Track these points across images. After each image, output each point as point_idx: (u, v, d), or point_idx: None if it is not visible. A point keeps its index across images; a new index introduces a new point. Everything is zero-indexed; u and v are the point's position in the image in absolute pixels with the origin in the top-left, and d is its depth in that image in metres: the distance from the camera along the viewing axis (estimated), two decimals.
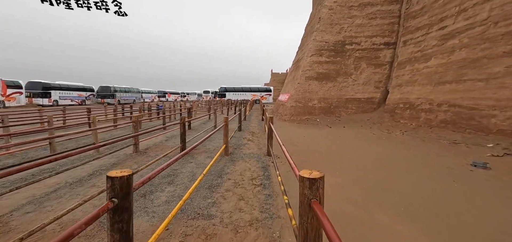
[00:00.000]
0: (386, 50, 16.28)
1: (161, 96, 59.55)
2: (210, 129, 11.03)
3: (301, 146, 8.27)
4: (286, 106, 16.85)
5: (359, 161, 6.35)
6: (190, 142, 7.98)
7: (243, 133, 10.64)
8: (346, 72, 16.36)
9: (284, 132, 11.42)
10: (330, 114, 15.72)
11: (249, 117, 18.52)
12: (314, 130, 12.50)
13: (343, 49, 16.67)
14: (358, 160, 6.47)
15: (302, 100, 16.19)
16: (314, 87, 16.37)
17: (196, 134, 9.57)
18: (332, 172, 5.39)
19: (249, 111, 21.43)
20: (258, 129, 12.23)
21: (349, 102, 15.86)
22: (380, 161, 6.49)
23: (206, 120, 15.59)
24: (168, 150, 6.66)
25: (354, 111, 15.66)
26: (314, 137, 10.35)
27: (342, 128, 13.17)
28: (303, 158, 6.72)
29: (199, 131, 10.63)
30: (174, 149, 6.51)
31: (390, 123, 13.35)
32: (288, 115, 15.91)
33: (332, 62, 16.61)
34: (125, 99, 41.86)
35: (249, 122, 15.50)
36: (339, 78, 16.35)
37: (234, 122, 12.99)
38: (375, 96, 15.77)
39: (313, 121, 15.06)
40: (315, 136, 10.63)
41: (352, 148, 8.15)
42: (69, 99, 34.75)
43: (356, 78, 16.17)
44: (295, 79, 18.40)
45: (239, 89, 49.00)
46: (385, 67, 16.10)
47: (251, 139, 9.11)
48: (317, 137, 10.38)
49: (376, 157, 6.86)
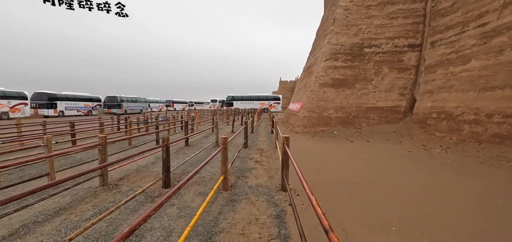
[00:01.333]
0: (410, 52, 14.29)
1: (169, 106, 58.76)
2: (211, 146, 9.30)
3: (324, 172, 6.40)
4: (298, 116, 15.01)
5: (418, 206, 4.35)
6: (182, 167, 6.26)
7: (249, 150, 8.87)
8: (365, 77, 14.43)
9: (299, 147, 9.58)
10: (349, 125, 13.75)
11: (257, 128, 16.76)
12: (333, 144, 10.58)
13: (361, 53, 14.79)
14: (415, 203, 4.51)
15: (316, 110, 14.32)
16: (330, 95, 14.49)
17: (192, 154, 7.87)
18: (387, 232, 3.49)
19: (257, 122, 19.68)
20: (268, 144, 10.44)
21: (370, 112, 13.86)
22: (445, 200, 4.55)
23: (209, 132, 13.93)
24: (150, 181, 4.96)
25: (376, 121, 13.64)
26: (336, 155, 8.45)
27: (365, 142, 11.19)
28: (331, 195, 4.85)
29: (197, 149, 8.95)
30: (157, 181, 4.78)
31: (423, 136, 11.27)
32: (301, 127, 14.05)
33: (349, 67, 14.73)
34: (132, 109, 41.06)
35: (257, 134, 13.72)
36: (357, 84, 14.43)
37: (240, 136, 11.24)
38: (400, 105, 13.72)
39: (330, 133, 13.13)
40: (336, 154, 8.72)
41: (393, 175, 6.21)
42: (76, 109, 34.11)
43: (378, 84, 14.20)
44: (307, 86, 16.59)
45: (247, 98, 47.48)
46: (410, 72, 14.07)
47: (259, 160, 7.32)
48: (340, 155, 8.47)
49: (435, 192, 4.92)
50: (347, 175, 6.10)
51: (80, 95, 35.43)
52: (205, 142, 10.52)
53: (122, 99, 38.84)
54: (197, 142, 10.63)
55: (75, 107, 34.10)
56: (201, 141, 10.94)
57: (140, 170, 6.16)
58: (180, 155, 8.15)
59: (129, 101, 40.68)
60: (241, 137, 11.03)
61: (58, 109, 31.33)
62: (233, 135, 7.72)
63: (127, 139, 9.15)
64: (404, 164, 7.24)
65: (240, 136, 11.25)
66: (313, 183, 5.41)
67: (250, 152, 8.51)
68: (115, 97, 38.14)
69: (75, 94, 34.54)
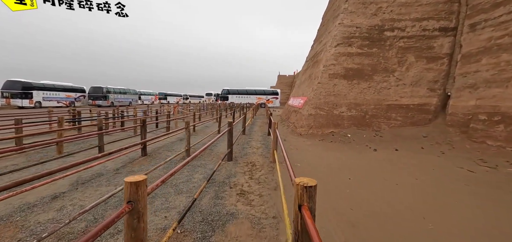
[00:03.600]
0: (442, 38, 11.32)
1: (162, 98, 55.48)
2: (179, 157, 6.33)
3: (365, 223, 3.46)
4: (302, 114, 12.06)
5: None
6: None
7: (234, 165, 5.92)
8: (386, 68, 11.47)
9: (305, 158, 6.66)
10: (365, 126, 10.84)
11: (252, 127, 13.77)
12: (350, 154, 7.66)
13: (381, 37, 11.79)
14: None
15: (324, 107, 11.37)
16: (342, 89, 11.53)
17: (152, 166, 4.89)
18: None
19: (252, 119, 16.68)
20: (262, 153, 7.49)
21: (392, 110, 10.95)
22: None
23: None
24: None
25: (399, 123, 10.73)
26: (363, 175, 5.52)
27: (392, 150, 8.29)
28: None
29: (156, 162, 5.97)
30: None
31: (468, 144, 8.40)
32: (305, 128, 11.11)
33: (366, 55, 11.74)
34: (120, 101, 37.79)
35: (250, 136, 10.75)
36: (376, 76, 11.47)
37: (222, 143, 8.23)
38: (430, 102, 10.82)
39: (342, 136, 10.21)
40: (361, 171, 5.80)
41: (467, 223, 3.29)
42: (55, 100, 30.79)
43: (401, 76, 11.26)
44: (312, 78, 13.60)
45: (243, 92, 44.33)
46: (442, 62, 11.14)
47: (245, 191, 4.34)
48: (369, 175, 5.54)
49: None
50: (407, 229, 3.18)
51: (61, 85, 32.07)
52: (173, 150, 7.53)
53: (108, 91, 35.57)
54: (162, 148, 7.64)
55: (55, 98, 30.78)
56: (169, 146, 7.95)
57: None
58: (111, 178, 5.16)
59: (116, 93, 37.37)
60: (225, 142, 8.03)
61: (34, 99, 28.05)
62: (216, 137, 4.79)
63: (57, 142, 6.12)
64: (467, 194, 4.36)
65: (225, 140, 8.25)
66: None
67: (235, 170, 5.54)
68: (100, 88, 34.83)
69: (54, 83, 31.17)
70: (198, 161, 6.08)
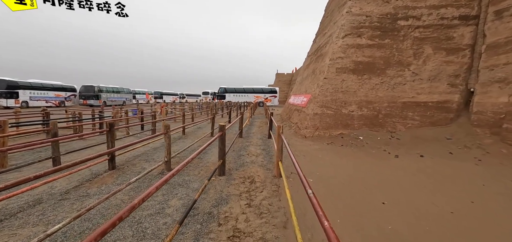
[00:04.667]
0: (463, 27, 9.97)
1: (158, 97, 53.78)
2: (158, 170, 4.90)
3: None
4: (306, 114, 10.64)
5: None
6: None
7: (227, 183, 4.48)
8: (400, 61, 10.09)
9: (316, 168, 5.25)
10: (378, 127, 9.46)
11: (250, 128, 12.33)
12: (367, 161, 6.26)
13: (394, 27, 10.40)
14: None
15: (332, 105, 9.96)
16: (351, 85, 10.12)
17: (117, 185, 3.44)
18: None
19: (249, 119, 15.23)
20: (262, 161, 6.06)
21: (408, 109, 9.58)
22: None
23: (176, 137, 9.46)
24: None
25: (417, 123, 9.37)
26: (398, 199, 4.12)
27: (416, 156, 6.91)
28: None
29: (131, 174, 4.53)
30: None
31: (503, 147, 7.07)
32: (311, 129, 9.69)
33: (378, 46, 10.35)
34: (113, 101, 36.12)
35: (249, 138, 9.31)
36: (390, 70, 10.08)
37: (215, 148, 6.81)
38: (451, 99, 9.47)
39: (353, 139, 8.82)
40: (395, 193, 4.40)
41: None
42: (44, 100, 29.06)
43: (418, 70, 9.88)
44: (317, 73, 12.17)
45: (241, 90, 42.78)
46: (463, 54, 9.78)
47: (241, 229, 2.92)
48: (404, 196, 4.14)
49: None
50: None
51: (50, 83, 30.31)
52: (154, 159, 6.07)
53: (100, 89, 33.85)
54: (139, 158, 6.18)
55: (43, 97, 29.04)
56: (150, 155, 6.47)
57: None
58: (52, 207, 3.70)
59: (109, 92, 35.66)
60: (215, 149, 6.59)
61: (20, 99, 26.33)
62: (208, 143, 3.37)
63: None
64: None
65: (214, 147, 6.81)
66: None
67: (228, 190, 4.11)
68: (91, 87, 33.10)
69: (43, 82, 29.41)
70: (181, 177, 4.64)
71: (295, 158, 2.91)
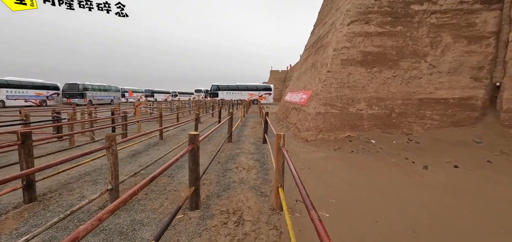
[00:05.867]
0: (485, 12, 8.56)
1: (149, 96, 51.55)
2: (100, 202, 3.25)
3: None
4: (306, 113, 9.09)
5: None
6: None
7: (204, 216, 2.89)
8: (415, 51, 8.62)
9: (329, 190, 3.73)
10: (392, 128, 7.98)
11: (242, 129, 10.71)
12: (392, 176, 4.76)
13: (408, 12, 8.93)
14: None
15: (337, 103, 8.43)
16: (359, 79, 8.61)
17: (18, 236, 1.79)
18: None
19: (242, 119, 13.60)
20: (255, 179, 4.48)
21: (425, 106, 8.13)
22: None
23: (151, 142, 7.79)
24: None
25: (437, 123, 7.93)
26: None
27: (448, 166, 5.45)
28: None
29: (55, 213, 2.89)
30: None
31: None
32: (313, 131, 8.14)
33: (389, 34, 8.86)
34: (100, 99, 33.95)
35: (239, 143, 7.71)
36: (403, 62, 8.60)
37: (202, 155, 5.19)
38: (476, 95, 8.07)
39: (364, 143, 7.32)
40: (440, 225, 2.88)
41: None
42: (22, 99, 26.77)
43: (436, 61, 8.44)
44: (317, 67, 10.62)
45: (234, 87, 40.99)
46: (487, 42, 8.38)
47: None
48: None
49: None
50: None
51: (30, 81, 27.96)
52: (100, 181, 4.41)
53: (85, 88, 31.62)
54: (82, 180, 4.53)
55: (22, 96, 26.73)
56: (98, 174, 4.83)
57: None
58: None
59: (95, 90, 33.44)
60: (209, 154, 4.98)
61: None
62: (171, 161, 1.73)
63: None
64: None
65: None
66: None
67: (199, 240, 2.52)
68: (76, 85, 30.87)
69: (21, 80, 27.05)
70: (129, 213, 3.03)
71: (299, 177, 1.39)
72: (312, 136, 7.97)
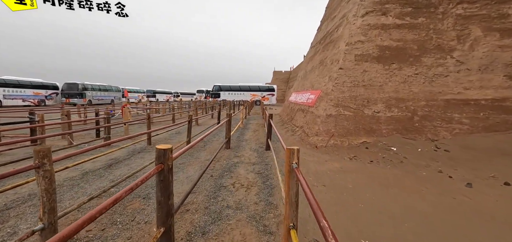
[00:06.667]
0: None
1: (151, 96, 50.78)
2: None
3: None
4: (315, 115, 8.03)
5: None
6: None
7: None
8: (440, 46, 7.53)
9: (357, 230, 2.68)
10: (414, 133, 6.88)
11: (243, 132, 9.68)
12: (428, 195, 3.70)
13: (431, 2, 7.86)
14: None
15: (350, 104, 7.37)
16: (375, 77, 7.54)
17: None
18: None
19: (243, 121, 12.58)
20: (257, 204, 3.45)
21: (453, 108, 7.02)
22: None
23: (136, 148, 6.79)
24: None
25: (467, 128, 6.81)
26: None
27: (497, 183, 4.36)
28: None
29: None
30: None
31: None
32: (323, 136, 7.08)
33: (410, 27, 7.78)
34: (100, 99, 33.18)
35: (239, 149, 6.67)
36: (426, 57, 7.52)
37: (192, 165, 4.18)
38: (511, 97, 6.94)
39: (384, 150, 6.24)
40: None
41: None
42: (20, 98, 26.04)
43: (464, 57, 7.34)
44: (327, 64, 9.55)
45: (236, 88, 39.98)
46: None
47: None
48: None
49: None
50: None
51: (28, 81, 27.25)
52: (71, 197, 3.42)
53: (85, 87, 30.84)
54: (27, 205, 3.55)
55: (20, 95, 26.00)
56: (66, 189, 3.84)
57: None
58: None
59: (95, 90, 32.67)
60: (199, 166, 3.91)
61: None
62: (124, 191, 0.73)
63: None
64: None
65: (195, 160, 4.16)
66: None
67: None
68: (75, 85, 30.11)
69: (19, 79, 26.34)
70: None
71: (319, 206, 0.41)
72: (323, 141, 6.91)
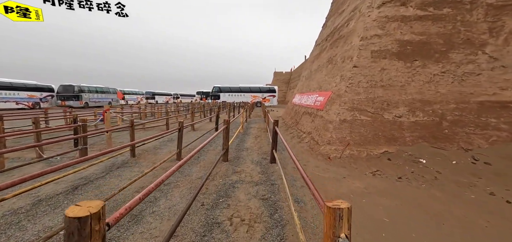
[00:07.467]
0: None
1: (150, 98, 49.85)
2: None
3: None
4: (326, 120, 7.02)
5: None
6: None
7: None
8: (469, 40, 6.52)
9: None
10: (444, 141, 5.85)
11: (243, 138, 8.67)
12: (494, 238, 2.68)
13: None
14: None
15: (367, 108, 6.35)
16: (396, 76, 6.53)
17: None
18: None
19: (244, 126, 11.57)
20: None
21: (487, 112, 6.00)
22: None
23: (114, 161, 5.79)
24: None
25: (506, 134, 5.79)
26: None
27: None
28: None
29: None
30: None
31: None
32: (337, 144, 6.07)
33: (434, 19, 6.77)
34: (97, 101, 32.27)
35: (239, 162, 5.67)
36: (454, 53, 6.50)
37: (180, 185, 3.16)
38: None
39: (410, 162, 5.22)
40: None
41: None
42: (14, 101, 25.14)
43: (498, 53, 6.33)
44: (337, 62, 8.53)
45: (237, 89, 39.00)
46: None
47: None
48: None
49: None
50: None
51: (21, 83, 26.34)
52: None
53: (81, 89, 29.96)
54: None
55: (13, 98, 25.09)
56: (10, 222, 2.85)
57: None
58: None
59: (92, 92, 31.78)
60: None
61: None
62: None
63: None
64: None
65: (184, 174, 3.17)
66: None
67: None
68: (71, 87, 29.21)
69: (12, 81, 25.42)
70: None
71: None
72: (336, 151, 5.89)
